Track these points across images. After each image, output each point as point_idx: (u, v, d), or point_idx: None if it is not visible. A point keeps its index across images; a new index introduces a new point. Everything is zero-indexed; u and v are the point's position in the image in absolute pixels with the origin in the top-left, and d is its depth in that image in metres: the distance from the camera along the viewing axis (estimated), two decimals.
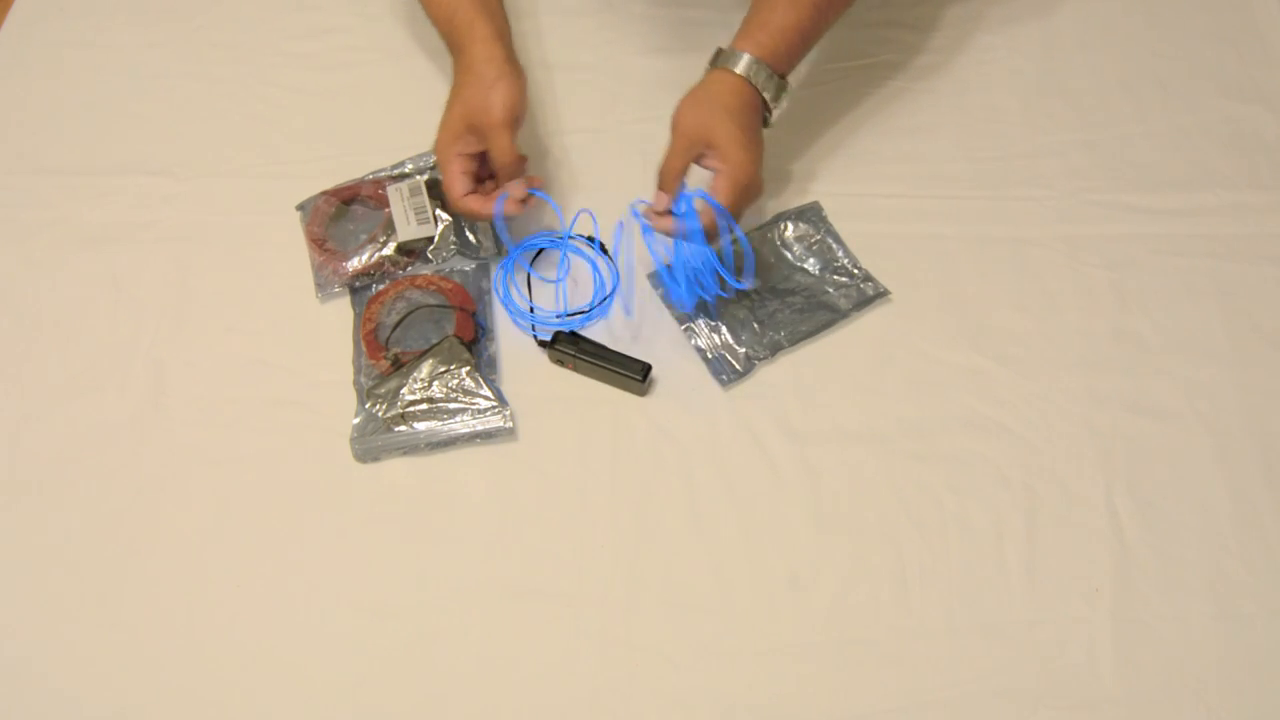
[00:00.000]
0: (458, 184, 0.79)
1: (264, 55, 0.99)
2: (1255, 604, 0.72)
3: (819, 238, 0.86)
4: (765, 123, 0.79)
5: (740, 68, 0.76)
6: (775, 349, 0.81)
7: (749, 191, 0.75)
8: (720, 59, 0.78)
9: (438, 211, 0.86)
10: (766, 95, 0.77)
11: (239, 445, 0.78)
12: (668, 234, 0.76)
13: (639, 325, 0.83)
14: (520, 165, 0.79)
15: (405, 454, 0.78)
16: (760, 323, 0.82)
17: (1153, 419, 0.79)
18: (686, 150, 0.76)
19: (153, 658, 0.71)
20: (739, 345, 0.81)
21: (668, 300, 0.84)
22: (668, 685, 0.70)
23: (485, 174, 0.82)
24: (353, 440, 0.78)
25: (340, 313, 0.84)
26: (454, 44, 0.82)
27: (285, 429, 0.79)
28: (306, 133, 0.94)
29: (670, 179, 0.76)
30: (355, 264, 0.85)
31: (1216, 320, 0.83)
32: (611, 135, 0.93)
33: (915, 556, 0.74)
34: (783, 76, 0.78)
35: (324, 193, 0.89)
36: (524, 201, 0.80)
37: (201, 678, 0.70)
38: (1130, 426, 0.78)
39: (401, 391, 0.78)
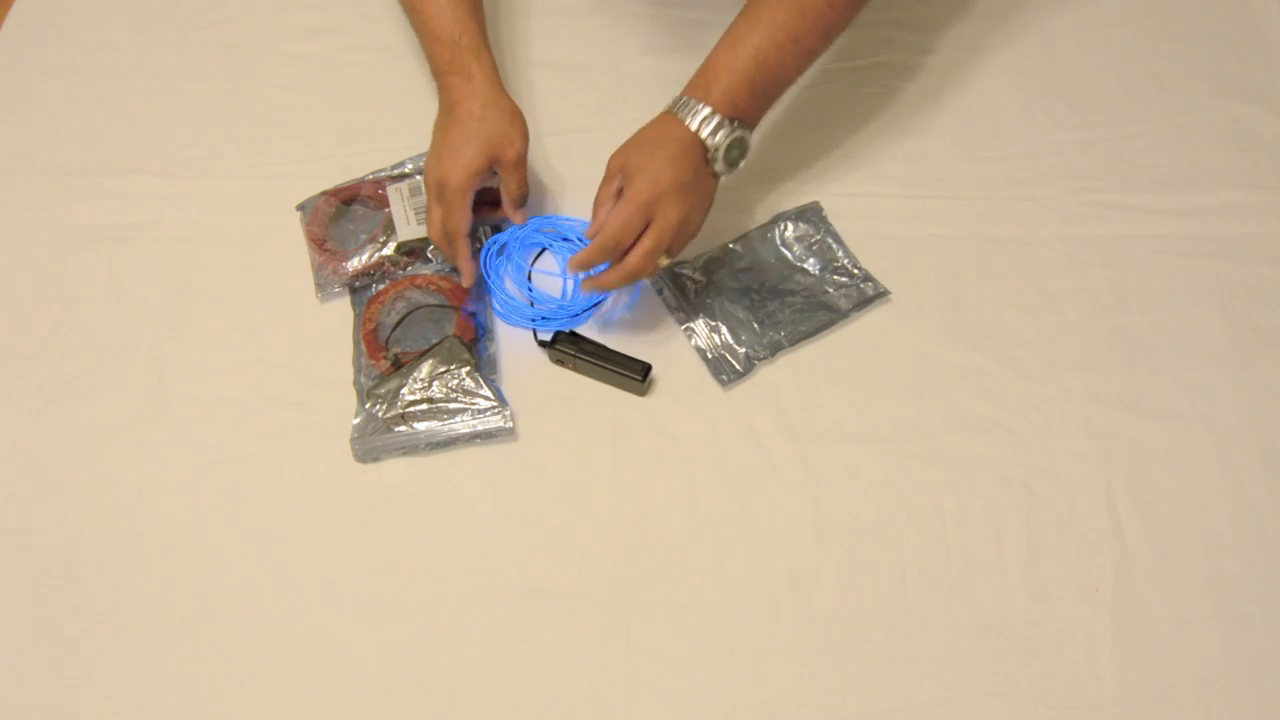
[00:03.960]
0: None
1: (264, 55, 0.99)
2: (1255, 604, 0.72)
3: (819, 238, 0.86)
4: (713, 171, 0.76)
5: (682, 112, 0.75)
6: (775, 349, 0.81)
7: (651, 212, 0.73)
8: (674, 103, 0.77)
9: None
10: (709, 141, 0.74)
11: (239, 445, 0.78)
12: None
13: (639, 325, 0.83)
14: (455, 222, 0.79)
15: (405, 454, 0.78)
16: (760, 323, 0.82)
17: (1153, 419, 0.79)
18: (609, 181, 0.76)
19: (153, 658, 0.71)
20: (739, 345, 0.81)
21: (669, 302, 0.84)
22: (668, 685, 0.70)
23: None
24: (353, 440, 0.78)
25: (340, 313, 0.84)
26: None
27: (285, 429, 0.79)
28: (306, 133, 0.94)
29: (596, 206, 0.77)
30: (355, 264, 0.84)
31: (1216, 320, 0.83)
32: (610, 135, 0.92)
33: (915, 556, 0.74)
34: (738, 123, 0.75)
35: (324, 193, 0.89)
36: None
37: (202, 678, 0.70)
38: (1130, 426, 0.78)
39: (401, 391, 0.78)
